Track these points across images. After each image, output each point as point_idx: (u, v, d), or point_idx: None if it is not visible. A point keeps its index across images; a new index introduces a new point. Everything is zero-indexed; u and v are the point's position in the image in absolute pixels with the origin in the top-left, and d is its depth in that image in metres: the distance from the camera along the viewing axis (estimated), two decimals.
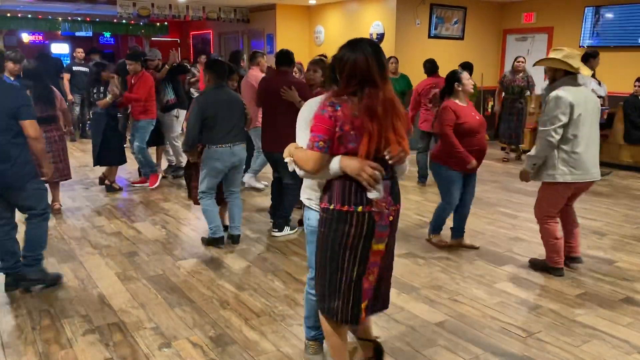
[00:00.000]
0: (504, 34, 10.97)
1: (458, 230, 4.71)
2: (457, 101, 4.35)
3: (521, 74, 8.23)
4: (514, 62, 8.41)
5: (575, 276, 4.07)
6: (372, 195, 2.27)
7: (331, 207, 2.32)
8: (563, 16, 9.70)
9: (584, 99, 3.78)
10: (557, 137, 3.77)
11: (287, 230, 5.02)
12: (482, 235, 5.04)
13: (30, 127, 3.49)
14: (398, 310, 3.50)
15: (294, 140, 2.51)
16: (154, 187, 6.72)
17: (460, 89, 4.34)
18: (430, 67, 6.87)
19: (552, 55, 3.93)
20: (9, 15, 11.98)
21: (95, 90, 6.20)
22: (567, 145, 3.79)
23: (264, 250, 4.63)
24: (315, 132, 2.24)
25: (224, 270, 4.18)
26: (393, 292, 3.74)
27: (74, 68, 10.54)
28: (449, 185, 4.48)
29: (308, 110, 2.42)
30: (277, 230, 5.00)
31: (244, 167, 4.71)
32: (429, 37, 10.24)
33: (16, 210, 3.74)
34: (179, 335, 3.18)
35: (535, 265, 4.23)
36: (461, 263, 4.35)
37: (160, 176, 6.91)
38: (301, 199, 2.63)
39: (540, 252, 4.53)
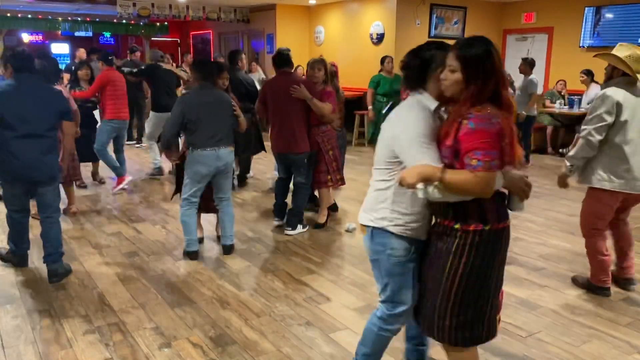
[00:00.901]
0: (504, 34, 10.97)
1: None
2: None
3: None
4: None
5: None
6: (520, 208, 2.18)
7: (487, 227, 2.07)
8: (563, 16, 9.70)
9: (634, 103, 3.39)
10: (599, 137, 3.40)
11: (300, 228, 5.06)
12: None
13: (71, 126, 4.07)
14: None
15: (306, 140, 2.48)
16: (116, 190, 6.47)
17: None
18: None
19: (616, 51, 3.49)
20: (9, 15, 11.99)
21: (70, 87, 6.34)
22: (612, 150, 3.43)
23: (264, 250, 4.63)
24: (487, 149, 1.93)
25: (224, 270, 4.18)
26: None
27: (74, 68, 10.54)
28: None
29: (423, 124, 2.10)
30: (290, 228, 5.02)
31: (232, 172, 4.44)
32: (429, 37, 10.23)
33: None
34: (179, 335, 3.18)
35: (578, 282, 3.86)
36: None
37: (126, 180, 6.57)
38: (375, 224, 2.27)
39: (539, 252, 4.53)
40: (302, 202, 5.04)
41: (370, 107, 7.79)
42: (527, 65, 7.70)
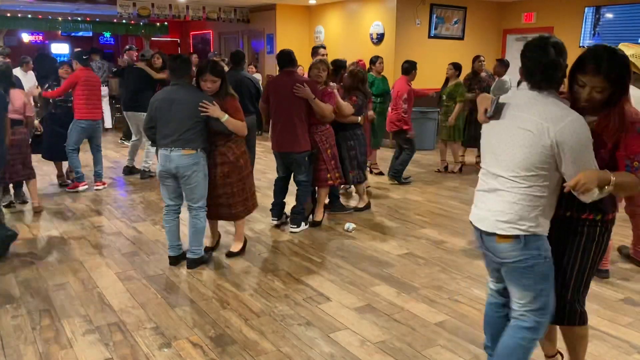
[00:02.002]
0: (504, 34, 10.96)
1: None
2: None
3: (484, 74, 7.79)
4: (476, 63, 7.78)
5: None
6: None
7: (610, 216, 2.34)
8: (563, 16, 9.70)
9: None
10: None
11: (303, 225, 5.12)
12: None
13: None
14: (398, 311, 3.50)
15: (307, 139, 2.46)
16: (70, 190, 6.50)
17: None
18: (408, 67, 6.94)
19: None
20: (9, 15, 11.98)
21: (47, 86, 6.37)
22: None
23: (264, 250, 4.63)
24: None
25: (224, 270, 4.18)
26: (393, 292, 3.76)
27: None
28: None
29: (586, 127, 2.11)
30: (295, 226, 5.07)
31: (194, 177, 4.00)
32: (429, 37, 10.24)
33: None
34: (179, 335, 3.18)
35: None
36: (461, 263, 4.35)
37: (82, 186, 6.54)
38: (529, 232, 2.23)
39: None
40: (304, 200, 5.10)
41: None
42: (503, 66, 7.53)
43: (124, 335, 3.18)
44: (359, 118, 5.46)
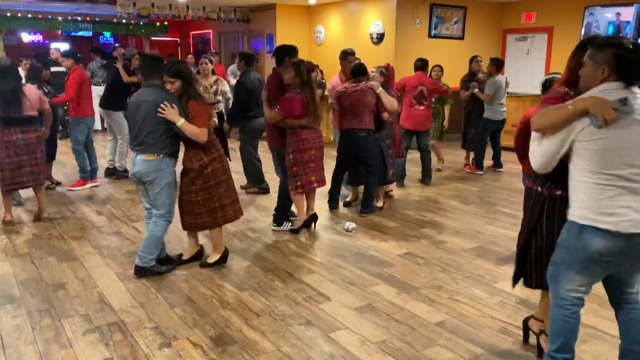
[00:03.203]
0: (504, 34, 10.96)
1: None
2: None
3: (482, 74, 7.75)
4: (473, 63, 7.72)
5: None
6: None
7: None
8: (563, 16, 9.70)
9: None
10: None
11: (286, 224, 5.16)
12: (482, 235, 5.04)
13: None
14: (398, 310, 3.50)
15: (274, 136, 2.47)
16: (73, 189, 6.52)
17: None
18: (421, 65, 6.95)
19: None
20: (9, 15, 11.97)
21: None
22: None
23: (264, 250, 4.63)
24: None
25: (224, 270, 4.18)
26: (393, 292, 3.76)
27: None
28: None
29: None
30: (275, 224, 5.18)
31: (156, 184, 3.89)
32: (429, 36, 10.24)
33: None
34: (179, 335, 3.18)
35: None
36: (461, 263, 4.35)
37: (87, 184, 6.62)
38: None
39: None
40: (281, 199, 5.13)
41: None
42: (493, 65, 7.49)
43: (124, 335, 3.18)
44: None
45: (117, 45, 10.00)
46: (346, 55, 6.07)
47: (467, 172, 7.72)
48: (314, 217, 5.10)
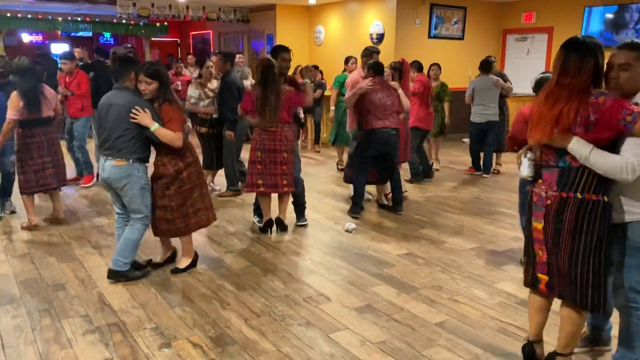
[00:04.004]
0: (504, 34, 10.97)
1: None
2: None
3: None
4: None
5: None
6: (521, 173, 2.74)
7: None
8: (563, 16, 9.70)
9: None
10: None
11: (255, 217, 5.29)
12: (482, 235, 5.04)
13: None
14: (398, 310, 3.50)
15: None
16: (86, 185, 6.73)
17: None
18: (421, 66, 7.03)
19: None
20: (9, 15, 11.99)
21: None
22: None
23: (264, 250, 4.63)
24: None
25: (224, 270, 4.18)
26: (393, 292, 3.76)
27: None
28: None
29: None
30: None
31: (128, 189, 3.77)
32: (429, 37, 10.25)
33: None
34: (179, 335, 3.18)
35: None
36: (461, 263, 4.35)
37: (94, 178, 6.79)
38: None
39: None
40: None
41: (333, 107, 7.31)
42: (480, 66, 7.45)
43: (124, 335, 3.18)
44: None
45: (129, 45, 9.99)
46: (372, 53, 6.08)
47: (466, 173, 7.71)
48: (269, 223, 4.99)
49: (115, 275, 3.89)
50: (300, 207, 5.24)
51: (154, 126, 3.68)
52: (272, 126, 4.71)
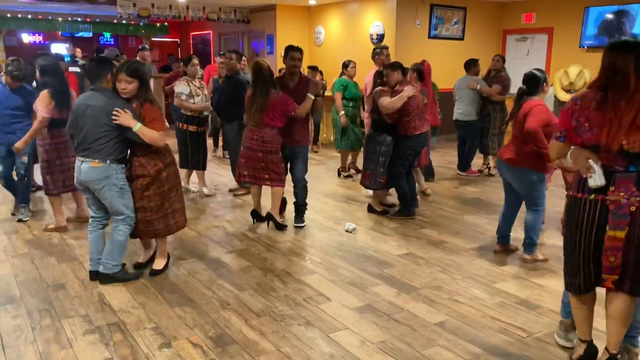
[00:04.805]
0: (504, 34, 10.97)
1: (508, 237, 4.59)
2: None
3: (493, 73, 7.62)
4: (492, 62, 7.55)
5: None
6: (590, 183, 2.54)
7: (570, 193, 2.68)
8: (563, 16, 9.70)
9: None
10: None
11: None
12: (482, 235, 5.04)
13: None
14: (398, 310, 3.50)
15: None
16: None
17: (546, 89, 4.22)
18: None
19: None
20: (9, 15, 11.99)
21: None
22: None
23: (264, 251, 4.63)
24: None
25: (224, 270, 4.18)
26: (393, 292, 3.76)
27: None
28: (543, 190, 4.25)
29: None
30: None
31: (107, 191, 3.71)
32: (429, 37, 10.24)
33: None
34: (179, 335, 3.18)
35: None
36: (461, 263, 4.35)
37: None
38: None
39: (542, 252, 4.53)
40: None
41: (342, 113, 7.17)
42: (464, 64, 7.49)
43: (124, 335, 3.18)
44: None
45: (145, 46, 9.92)
46: (382, 50, 6.07)
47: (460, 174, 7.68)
48: (253, 213, 5.27)
49: (107, 278, 3.87)
50: (299, 208, 5.24)
51: (137, 126, 3.62)
52: (253, 125, 4.93)
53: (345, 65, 7.31)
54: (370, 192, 5.91)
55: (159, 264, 4.11)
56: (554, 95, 5.63)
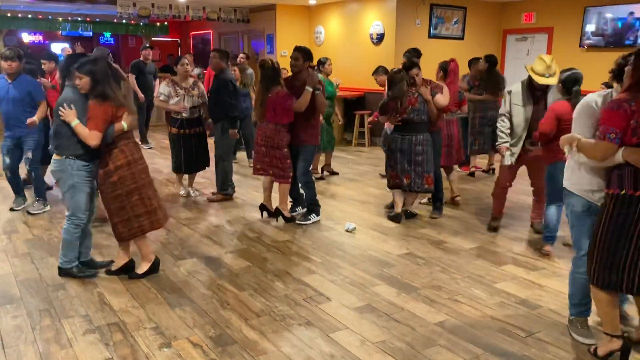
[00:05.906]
0: (504, 34, 10.96)
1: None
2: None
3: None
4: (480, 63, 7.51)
5: None
6: None
7: (622, 192, 2.67)
8: (563, 16, 9.70)
9: None
10: None
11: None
12: (482, 235, 5.04)
13: None
14: (398, 310, 3.50)
15: None
16: None
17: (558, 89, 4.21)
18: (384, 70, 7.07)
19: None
20: (9, 15, 11.99)
21: None
22: None
23: (264, 251, 4.63)
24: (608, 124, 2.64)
25: (224, 270, 4.18)
26: (393, 292, 3.76)
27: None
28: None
29: None
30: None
31: (62, 184, 3.81)
32: (429, 37, 10.24)
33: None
34: (179, 335, 3.18)
35: None
36: (461, 263, 4.35)
37: None
38: (565, 186, 3.02)
39: (539, 252, 4.53)
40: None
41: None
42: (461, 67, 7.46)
43: (124, 335, 3.18)
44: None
45: (146, 45, 9.89)
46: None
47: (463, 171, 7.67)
48: (261, 206, 5.49)
49: (61, 272, 3.99)
50: (307, 207, 5.45)
51: (74, 122, 3.63)
52: (259, 121, 5.23)
53: (321, 63, 7.11)
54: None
55: (141, 268, 4.03)
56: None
